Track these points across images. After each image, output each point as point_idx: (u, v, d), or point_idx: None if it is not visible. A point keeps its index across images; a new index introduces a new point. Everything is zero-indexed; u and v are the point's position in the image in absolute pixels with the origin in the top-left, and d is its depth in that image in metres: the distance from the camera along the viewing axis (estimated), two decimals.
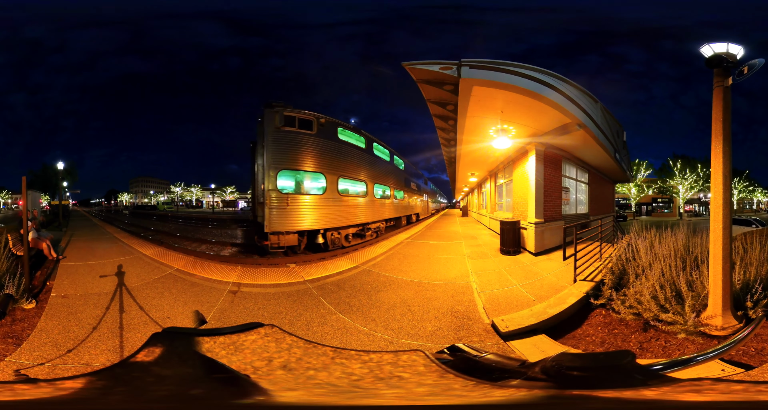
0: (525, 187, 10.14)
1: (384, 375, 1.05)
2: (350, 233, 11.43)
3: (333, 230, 10.36)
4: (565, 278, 6.52)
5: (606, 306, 4.91)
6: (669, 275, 4.61)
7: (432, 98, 8.08)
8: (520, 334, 4.43)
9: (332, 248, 10.15)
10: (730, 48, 4.01)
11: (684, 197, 40.65)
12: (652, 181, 43.52)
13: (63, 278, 6.52)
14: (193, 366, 1.02)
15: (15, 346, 4.05)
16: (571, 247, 6.83)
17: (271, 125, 9.09)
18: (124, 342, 4.26)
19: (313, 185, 9.91)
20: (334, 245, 10.32)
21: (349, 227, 11.35)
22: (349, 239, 11.30)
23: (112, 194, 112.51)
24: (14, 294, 4.98)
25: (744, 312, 4.02)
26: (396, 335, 4.49)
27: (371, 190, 13.02)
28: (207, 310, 5.33)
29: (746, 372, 3.04)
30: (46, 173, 45.55)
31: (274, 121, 9.08)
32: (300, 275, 7.18)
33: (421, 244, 11.25)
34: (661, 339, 4.04)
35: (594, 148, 10.05)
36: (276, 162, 9.10)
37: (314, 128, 9.67)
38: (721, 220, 4.07)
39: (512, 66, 6.35)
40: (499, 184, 15.13)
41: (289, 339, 1.22)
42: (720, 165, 4.07)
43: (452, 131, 10.07)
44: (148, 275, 6.92)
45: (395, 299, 5.72)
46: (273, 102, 9.21)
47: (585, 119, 7.74)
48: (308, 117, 9.63)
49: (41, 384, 0.93)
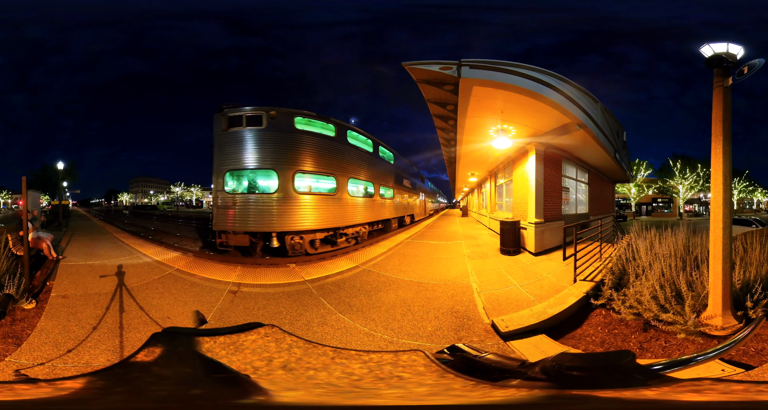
0: (525, 187, 10.14)
1: (384, 375, 1.05)
2: (317, 238, 9.70)
3: (293, 233, 9.20)
4: (565, 278, 6.52)
5: (606, 306, 4.91)
6: (669, 275, 4.61)
7: (432, 98, 8.08)
8: (520, 334, 4.43)
9: (292, 253, 9.07)
10: (730, 48, 4.01)
11: (684, 197, 40.63)
12: (652, 181, 43.49)
13: (63, 278, 6.52)
14: (193, 366, 1.03)
15: (15, 346, 4.05)
16: (571, 247, 6.82)
17: (218, 129, 9.29)
18: (124, 342, 4.26)
19: (264, 184, 9.28)
20: (294, 251, 9.12)
21: (316, 232, 9.62)
22: (315, 245, 9.62)
23: (112, 194, 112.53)
24: (14, 294, 4.98)
25: (744, 312, 4.02)
26: (396, 335, 4.49)
27: (343, 187, 10.62)
28: (207, 310, 5.33)
29: (746, 372, 3.04)
30: (46, 173, 45.50)
31: (220, 125, 9.26)
32: (300, 275, 7.18)
33: (421, 244, 11.25)
34: (661, 339, 4.04)
35: (594, 148, 10.05)
36: (221, 164, 9.25)
37: (264, 122, 9.18)
38: (721, 220, 4.07)
39: (512, 66, 6.35)
40: (499, 184, 15.13)
41: (289, 339, 1.22)
42: (720, 165, 4.07)
43: (452, 131, 10.08)
44: (148, 275, 6.92)
45: (395, 299, 5.72)
46: (224, 105, 9.30)
47: (585, 119, 7.74)
48: (257, 113, 9.19)
49: (41, 384, 0.93)
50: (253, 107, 9.24)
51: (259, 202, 9.04)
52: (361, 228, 11.92)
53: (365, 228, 12.29)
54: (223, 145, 9.25)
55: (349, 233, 11.03)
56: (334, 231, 10.24)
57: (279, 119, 9.26)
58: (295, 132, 9.45)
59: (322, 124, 10.17)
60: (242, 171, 9.24)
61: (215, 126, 9.28)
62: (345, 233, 10.82)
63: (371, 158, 12.92)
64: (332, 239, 10.28)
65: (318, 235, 9.68)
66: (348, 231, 10.99)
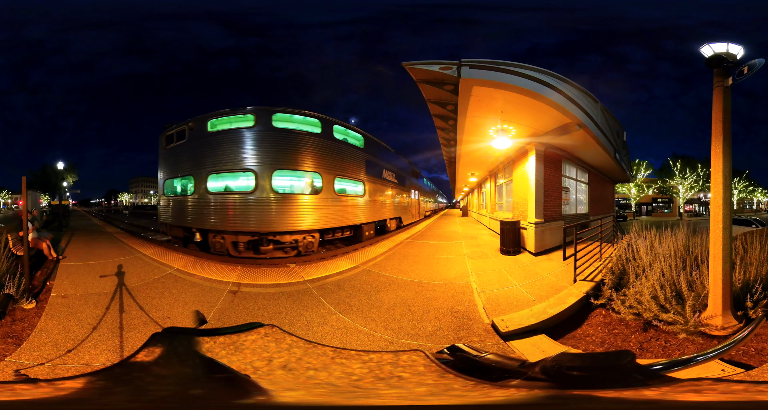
0: (525, 187, 10.14)
1: (384, 375, 1.05)
2: (240, 240, 9.06)
3: (215, 232, 9.31)
4: (565, 278, 6.52)
5: (606, 306, 4.91)
6: (669, 275, 4.61)
7: (432, 98, 8.08)
8: (520, 334, 4.43)
9: (213, 251, 9.15)
10: (730, 48, 4.01)
11: (684, 197, 40.63)
12: (652, 181, 43.49)
13: (63, 278, 6.52)
14: (193, 366, 1.03)
15: (15, 346, 4.05)
16: (571, 247, 6.82)
17: (160, 146, 11.41)
18: (124, 342, 4.26)
19: (187, 188, 10.57)
20: (215, 249, 9.16)
21: (238, 234, 9.08)
22: (239, 248, 9.05)
23: (112, 194, 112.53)
24: (14, 294, 4.98)
25: (744, 312, 4.02)
26: (396, 335, 4.49)
27: (265, 182, 9.08)
28: (207, 310, 5.33)
29: (746, 372, 3.04)
30: (46, 173, 45.51)
31: (160, 144, 11.41)
32: (300, 275, 7.18)
33: (421, 244, 11.25)
34: (661, 339, 4.04)
35: (594, 148, 10.05)
36: (163, 175, 11.46)
37: (186, 135, 10.22)
38: (721, 220, 4.07)
39: (512, 66, 6.35)
40: (499, 184, 15.13)
41: (289, 339, 1.22)
42: (720, 165, 4.07)
43: (452, 131, 10.08)
44: (148, 275, 6.92)
45: (395, 299, 5.72)
46: (166, 125, 11.02)
47: (585, 119, 7.74)
48: (181, 128, 10.41)
49: (41, 384, 0.93)
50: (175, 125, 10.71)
51: (182, 202, 10.47)
52: (308, 236, 9.64)
53: (312, 237, 9.75)
54: (161, 158, 11.47)
55: (285, 241, 9.20)
56: (259, 236, 9.06)
57: (195, 128, 10.09)
58: (208, 135, 9.81)
59: (238, 117, 9.66)
60: (174, 179, 11.08)
61: (159, 142, 11.46)
62: (277, 241, 9.13)
63: (318, 142, 10.15)
64: (257, 241, 9.13)
65: (241, 237, 9.11)
66: (285, 239, 9.20)
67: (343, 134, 11.27)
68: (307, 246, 9.66)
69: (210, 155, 9.60)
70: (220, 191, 9.48)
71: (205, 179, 9.54)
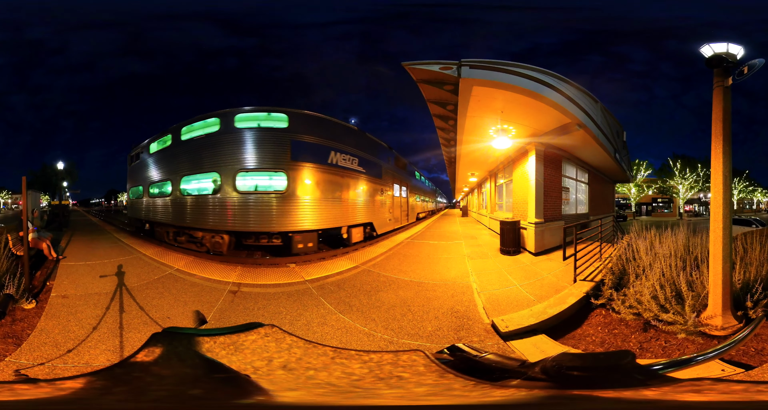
0: (525, 187, 10.14)
1: (384, 375, 1.05)
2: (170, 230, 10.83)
3: (156, 224, 11.86)
4: (565, 278, 6.52)
5: (606, 306, 4.91)
6: (669, 275, 4.61)
7: (432, 98, 8.08)
8: (520, 334, 4.43)
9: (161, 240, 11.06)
10: (730, 48, 4.01)
11: (684, 197, 40.61)
12: (652, 181, 43.46)
13: (63, 278, 6.52)
14: (193, 366, 1.03)
15: (15, 346, 4.05)
16: (571, 247, 6.82)
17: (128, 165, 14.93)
18: (124, 342, 4.26)
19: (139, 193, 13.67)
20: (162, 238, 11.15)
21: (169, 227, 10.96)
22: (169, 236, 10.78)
23: (112, 194, 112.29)
24: (14, 294, 4.98)
25: (744, 312, 4.03)
26: (396, 335, 4.49)
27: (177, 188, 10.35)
28: (207, 310, 5.33)
29: (746, 372, 3.04)
30: (46, 173, 45.50)
31: (128, 163, 15.02)
32: (300, 275, 7.18)
33: (421, 244, 11.25)
34: (661, 339, 4.04)
35: (594, 148, 10.05)
36: (129, 184, 15.05)
37: (139, 157, 13.66)
38: (721, 220, 4.07)
39: (512, 66, 6.35)
40: (499, 184, 15.12)
41: (289, 339, 1.22)
42: (720, 165, 4.07)
43: (452, 131, 10.07)
44: (148, 275, 6.92)
45: (395, 299, 5.72)
46: (134, 146, 14.40)
47: (585, 119, 7.74)
48: (136, 151, 14.03)
49: (41, 384, 0.93)
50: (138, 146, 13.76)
51: (135, 203, 14.42)
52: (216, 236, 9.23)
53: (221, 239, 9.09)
54: (128, 172, 15.01)
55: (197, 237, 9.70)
56: (177, 229, 10.56)
57: (140, 149, 13.48)
58: (151, 155, 12.56)
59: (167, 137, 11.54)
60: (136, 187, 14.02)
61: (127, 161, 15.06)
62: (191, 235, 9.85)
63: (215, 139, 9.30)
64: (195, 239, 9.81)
65: (171, 229, 10.95)
66: (196, 234, 9.69)
67: (250, 120, 9.30)
68: (214, 245, 9.15)
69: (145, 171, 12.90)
70: (154, 195, 12.35)
71: (147, 189, 12.74)
